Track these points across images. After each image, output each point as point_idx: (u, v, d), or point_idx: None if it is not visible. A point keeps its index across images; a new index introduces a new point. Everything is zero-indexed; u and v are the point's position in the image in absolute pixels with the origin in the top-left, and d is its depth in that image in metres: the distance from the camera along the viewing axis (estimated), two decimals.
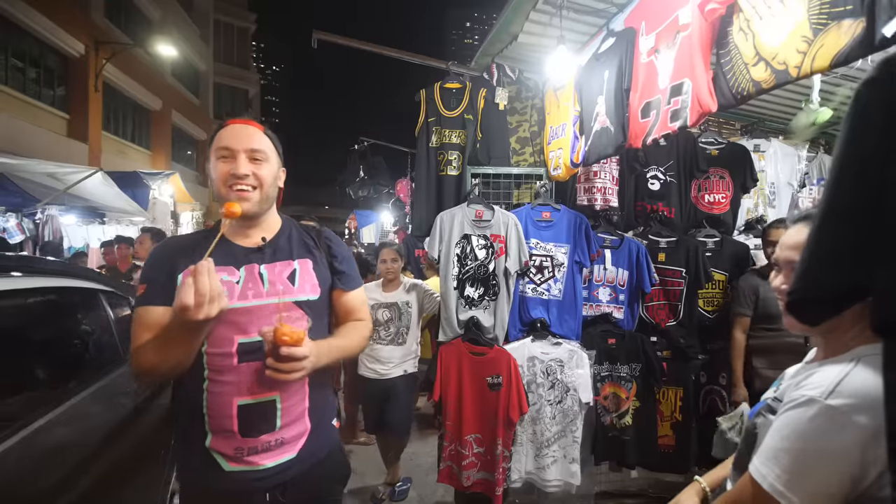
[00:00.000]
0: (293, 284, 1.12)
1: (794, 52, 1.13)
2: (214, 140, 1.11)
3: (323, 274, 1.18)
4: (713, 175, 2.82)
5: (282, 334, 0.94)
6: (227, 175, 1.07)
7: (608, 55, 1.91)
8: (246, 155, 1.09)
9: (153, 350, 0.99)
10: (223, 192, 1.08)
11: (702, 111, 1.38)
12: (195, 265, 0.93)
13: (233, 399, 1.04)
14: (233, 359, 1.04)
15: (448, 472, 2.38)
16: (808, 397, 0.68)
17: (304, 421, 1.12)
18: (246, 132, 1.11)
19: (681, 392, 2.62)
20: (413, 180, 3.71)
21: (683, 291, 2.65)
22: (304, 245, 1.20)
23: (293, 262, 1.15)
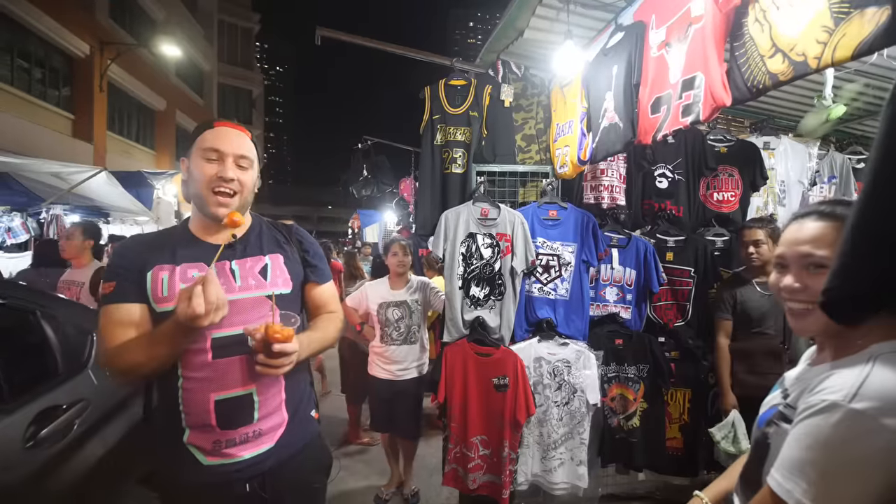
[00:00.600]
0: (265, 279, 1.14)
1: (814, 42, 1.09)
2: (199, 139, 1.10)
3: (294, 268, 1.20)
4: (722, 173, 2.78)
5: (274, 332, 0.97)
6: (212, 177, 1.08)
7: (617, 50, 1.87)
8: (234, 160, 1.10)
9: (138, 350, 0.99)
10: (203, 193, 1.09)
11: (715, 105, 1.34)
12: (203, 275, 0.95)
13: (209, 395, 1.05)
14: (206, 354, 1.05)
15: (453, 475, 2.34)
16: (830, 402, 0.62)
17: (282, 412, 1.14)
18: (236, 137, 1.12)
19: (689, 394, 2.57)
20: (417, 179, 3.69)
21: (692, 291, 2.61)
22: (274, 241, 1.22)
23: (264, 258, 1.16)
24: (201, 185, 1.08)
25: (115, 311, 1.04)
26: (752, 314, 2.28)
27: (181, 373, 1.06)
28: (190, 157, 1.12)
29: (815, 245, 0.76)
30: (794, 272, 0.78)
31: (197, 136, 1.12)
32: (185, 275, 1.07)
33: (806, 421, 0.65)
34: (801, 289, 0.77)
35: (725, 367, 2.34)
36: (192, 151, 1.12)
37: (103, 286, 1.07)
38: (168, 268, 1.08)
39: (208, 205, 1.09)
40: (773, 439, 0.75)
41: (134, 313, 1.04)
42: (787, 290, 0.79)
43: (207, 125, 1.14)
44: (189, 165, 1.13)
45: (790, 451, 0.65)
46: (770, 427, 0.78)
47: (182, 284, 1.04)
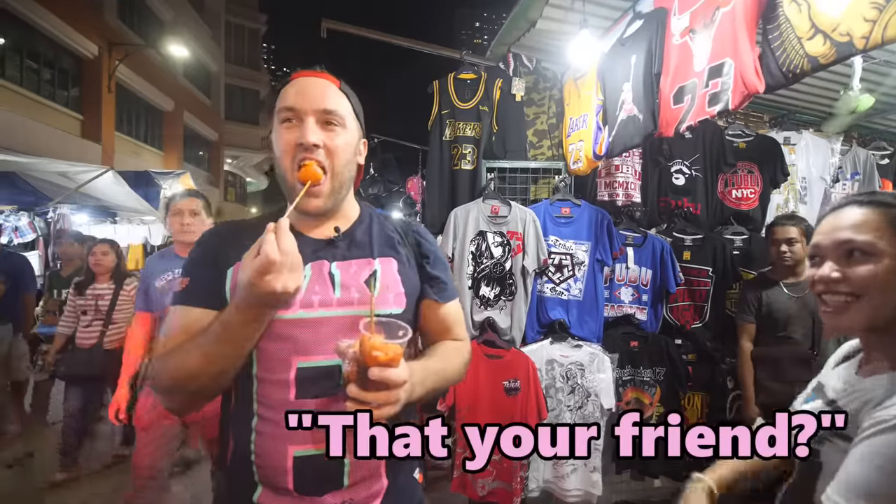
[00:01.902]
0: (373, 291, 0.85)
1: (861, 20, 1.00)
2: (278, 100, 0.85)
3: (410, 279, 0.90)
4: (741, 169, 2.68)
5: (372, 349, 0.66)
6: (292, 145, 0.81)
7: (635, 39, 1.79)
8: (316, 118, 0.81)
9: (191, 353, 0.75)
10: (288, 173, 0.82)
11: (747, 92, 1.26)
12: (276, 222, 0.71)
13: (287, 447, 0.77)
14: (289, 391, 0.78)
15: (461, 481, 2.27)
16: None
17: (380, 477, 0.84)
18: (317, 87, 0.83)
19: (707, 398, 2.49)
20: (424, 177, 3.62)
21: (710, 292, 2.52)
22: (387, 240, 0.92)
23: (373, 262, 0.87)
24: (283, 160, 0.82)
25: (182, 316, 0.81)
26: (778, 318, 2.15)
27: (257, 410, 0.80)
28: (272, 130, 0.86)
29: (856, 230, 0.68)
30: (833, 260, 0.71)
31: (276, 99, 0.86)
32: None
33: (874, 439, 0.58)
34: (840, 279, 0.69)
35: (749, 374, 2.21)
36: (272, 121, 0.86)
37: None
38: None
39: (291, 191, 0.83)
40: (827, 457, 0.68)
41: (204, 321, 0.79)
42: (823, 281, 0.71)
43: (286, 82, 0.87)
44: (272, 140, 0.86)
45: (855, 471, 0.58)
46: (821, 444, 0.70)
47: None
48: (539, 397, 2.19)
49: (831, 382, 0.76)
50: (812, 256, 0.76)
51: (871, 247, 0.66)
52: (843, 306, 0.69)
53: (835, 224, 0.72)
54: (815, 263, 0.75)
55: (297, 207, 0.80)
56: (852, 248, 0.69)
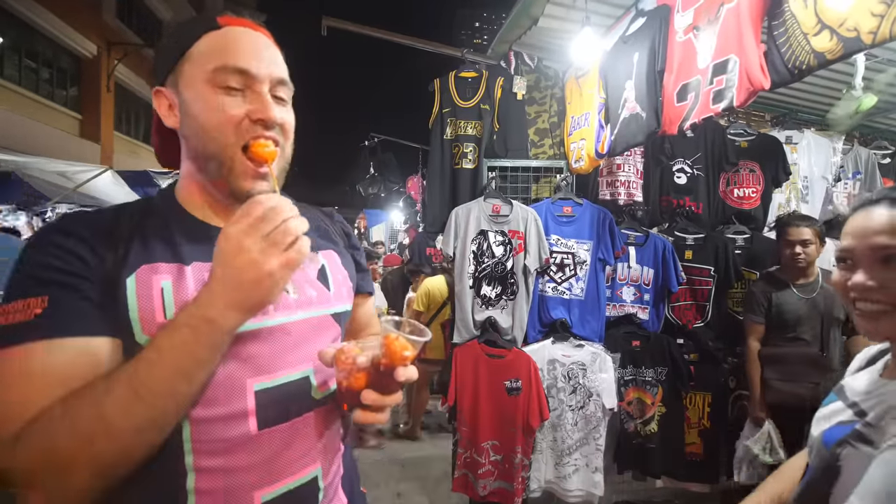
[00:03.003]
0: (327, 288, 0.71)
1: (868, 15, 0.99)
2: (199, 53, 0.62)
3: (351, 272, 0.79)
4: (743, 168, 2.67)
5: (403, 348, 0.58)
6: (243, 120, 0.61)
7: (638, 36, 1.78)
8: (271, 88, 0.64)
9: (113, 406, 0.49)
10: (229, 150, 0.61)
11: (752, 89, 1.25)
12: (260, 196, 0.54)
13: (251, 495, 0.59)
14: (248, 423, 0.59)
15: (463, 481, 2.26)
16: None
17: (339, 495, 0.72)
18: (268, 50, 0.65)
19: (709, 398, 2.47)
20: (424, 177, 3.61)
21: (712, 291, 2.51)
22: (321, 231, 0.78)
23: (317, 256, 0.73)
24: (224, 136, 0.61)
25: (46, 357, 0.51)
26: (788, 318, 2.12)
27: (192, 463, 0.57)
28: (180, 85, 0.62)
29: (891, 235, 0.65)
30: (867, 267, 0.67)
31: (189, 44, 0.62)
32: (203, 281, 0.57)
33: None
34: (877, 287, 0.66)
35: (757, 374, 2.18)
36: (181, 72, 0.62)
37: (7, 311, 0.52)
38: (169, 269, 0.59)
39: (236, 173, 0.62)
40: (848, 462, 0.65)
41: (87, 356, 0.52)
42: (857, 289, 0.68)
43: (207, 23, 0.63)
44: (182, 101, 0.62)
45: (880, 480, 0.56)
46: (842, 448, 0.67)
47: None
48: (541, 397, 2.18)
49: (853, 385, 0.74)
50: (842, 259, 0.72)
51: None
52: (879, 314, 0.66)
53: (867, 226, 0.68)
54: (846, 267, 0.71)
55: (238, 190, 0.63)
56: (888, 254, 0.65)
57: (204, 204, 0.67)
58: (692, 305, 2.54)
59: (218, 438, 0.58)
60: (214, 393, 0.57)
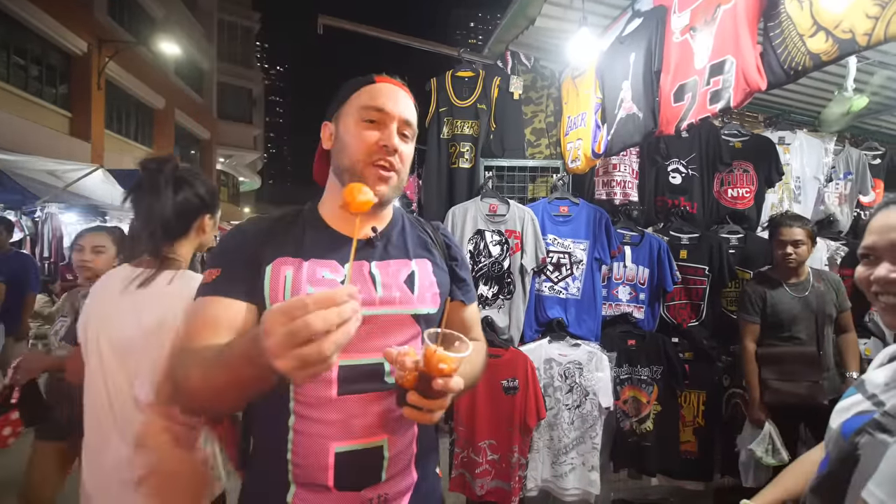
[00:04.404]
0: (412, 291, 0.86)
1: (863, 17, 1.00)
2: (355, 97, 0.86)
3: (443, 280, 0.93)
4: (737, 168, 2.69)
5: (440, 361, 0.68)
6: (375, 145, 0.83)
7: (634, 37, 1.79)
8: (399, 126, 0.86)
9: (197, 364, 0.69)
10: (359, 165, 0.83)
11: (749, 90, 1.26)
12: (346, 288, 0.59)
13: (328, 444, 0.78)
14: (331, 388, 0.78)
15: (460, 481, 2.26)
16: None
17: (411, 471, 0.87)
18: (403, 98, 0.88)
19: (703, 396, 2.49)
20: (420, 176, 3.60)
21: (706, 290, 2.53)
22: (420, 241, 0.94)
23: (410, 262, 0.89)
24: (357, 154, 0.83)
25: (214, 306, 0.77)
26: (783, 318, 2.13)
27: (293, 408, 0.79)
28: (339, 120, 0.87)
29: None
30: (889, 261, 0.69)
31: (350, 93, 0.87)
32: (314, 274, 0.80)
33: None
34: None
35: (754, 374, 2.18)
36: (341, 112, 0.87)
37: (205, 274, 0.82)
38: (293, 262, 0.81)
39: (366, 179, 0.82)
40: (866, 450, 0.66)
41: (239, 314, 0.77)
42: (881, 283, 0.70)
43: (366, 80, 0.88)
44: (337, 130, 0.87)
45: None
46: (861, 436, 0.68)
47: (310, 287, 0.78)
48: (537, 396, 2.18)
49: (874, 379, 0.76)
50: (865, 255, 0.74)
51: None
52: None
53: (890, 223, 0.70)
54: (868, 263, 0.73)
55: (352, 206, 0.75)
56: None
57: (333, 211, 0.89)
58: (687, 304, 2.56)
59: (310, 395, 0.78)
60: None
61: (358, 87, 0.87)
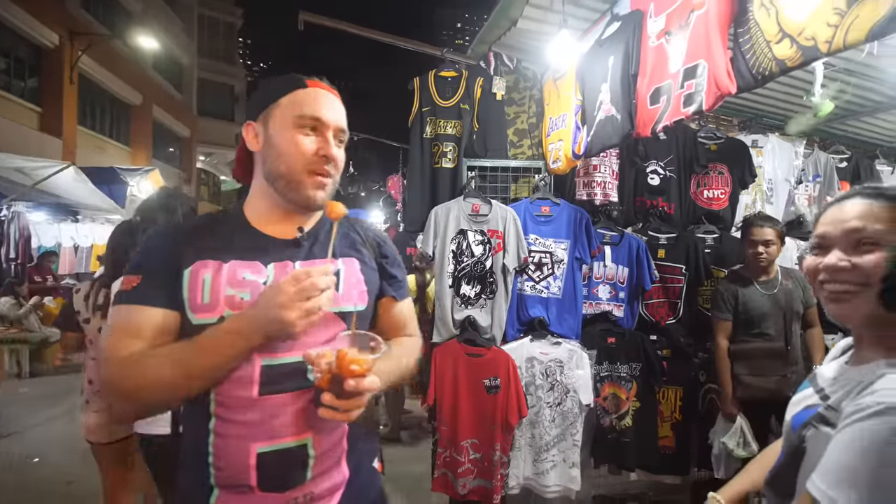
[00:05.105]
0: (336, 290, 0.86)
1: (824, 25, 1.05)
2: (288, 101, 0.85)
3: (371, 278, 0.94)
4: (712, 170, 2.77)
5: (351, 362, 0.70)
6: (314, 155, 0.84)
7: (613, 40, 1.82)
8: (334, 134, 0.87)
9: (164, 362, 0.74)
10: (298, 174, 0.84)
11: (719, 93, 1.30)
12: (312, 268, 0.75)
13: (250, 445, 0.78)
14: (252, 388, 0.78)
15: (443, 481, 2.26)
16: (887, 405, 0.57)
17: (342, 468, 0.87)
18: (336, 104, 0.89)
19: (681, 392, 2.55)
20: (405, 176, 3.61)
21: (683, 289, 2.59)
22: (349, 240, 0.95)
23: (336, 262, 0.89)
24: (295, 163, 0.83)
25: (133, 315, 0.78)
26: (753, 315, 2.20)
27: (214, 411, 0.79)
28: (268, 122, 0.86)
29: (864, 220, 0.69)
30: (840, 249, 0.71)
31: (279, 95, 0.86)
32: (235, 276, 0.81)
33: (857, 425, 0.59)
34: (849, 268, 0.69)
35: (727, 371, 2.24)
36: (271, 114, 0.86)
37: (124, 281, 0.82)
38: (213, 265, 0.81)
39: (304, 187, 0.84)
40: (811, 443, 0.69)
41: (156, 321, 0.78)
42: (829, 270, 0.71)
43: (296, 83, 0.87)
44: (267, 133, 0.85)
45: (837, 457, 0.59)
46: (807, 429, 0.71)
47: (230, 289, 0.80)
48: (519, 395, 2.20)
49: (824, 373, 0.79)
50: (815, 246, 0.76)
51: (879, 237, 0.67)
52: (847, 295, 0.70)
53: (841, 215, 0.72)
54: (818, 253, 0.74)
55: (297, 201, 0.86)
56: (861, 237, 0.69)
57: (263, 213, 0.89)
58: (665, 303, 2.62)
59: (231, 396, 0.79)
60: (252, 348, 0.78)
61: (287, 89, 0.86)
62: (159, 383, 0.73)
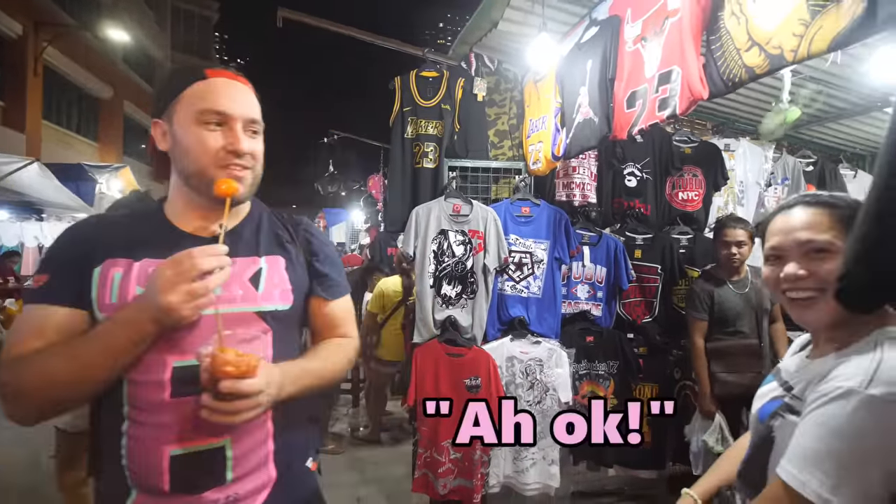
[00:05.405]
0: (257, 289, 0.85)
1: (790, 35, 1.09)
2: (188, 96, 0.81)
3: (298, 277, 0.91)
4: (687, 173, 2.84)
5: (223, 363, 0.68)
6: (220, 151, 0.80)
7: (591, 44, 1.85)
8: (243, 125, 0.82)
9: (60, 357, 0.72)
10: (208, 171, 0.80)
11: (692, 98, 1.34)
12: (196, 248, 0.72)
13: (162, 448, 0.76)
14: (164, 391, 0.76)
15: (423, 481, 2.26)
16: (846, 389, 0.61)
17: (268, 468, 0.84)
18: (242, 93, 0.84)
19: (656, 388, 2.61)
20: (386, 175, 3.58)
21: (659, 288, 2.65)
22: (274, 238, 0.92)
23: (258, 260, 0.88)
24: (203, 160, 0.80)
25: (37, 314, 0.76)
26: (728, 314, 2.27)
27: (127, 413, 0.77)
28: (172, 119, 0.82)
29: (813, 231, 0.74)
30: (796, 260, 0.75)
31: (180, 89, 0.81)
32: (146, 274, 0.78)
33: (819, 410, 0.64)
34: (807, 276, 0.74)
35: (704, 369, 2.29)
36: (174, 110, 0.81)
37: (34, 279, 0.80)
38: (123, 263, 0.79)
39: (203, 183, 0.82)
40: (779, 432, 0.74)
41: (60, 319, 0.75)
42: (789, 280, 0.76)
43: (196, 74, 0.82)
44: (173, 131, 0.82)
45: (804, 442, 0.64)
46: (775, 420, 0.75)
47: (140, 288, 0.77)
48: (499, 394, 2.22)
49: (787, 366, 0.83)
50: (771, 257, 0.80)
51: (830, 245, 0.72)
52: (810, 302, 0.74)
53: (790, 225, 0.77)
54: (775, 263, 0.79)
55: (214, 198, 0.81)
56: (813, 247, 0.74)
57: (182, 210, 0.86)
58: (641, 302, 2.68)
59: (143, 398, 0.77)
60: (146, 363, 0.76)
61: (188, 82, 0.82)
62: (56, 380, 0.71)
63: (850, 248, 0.54)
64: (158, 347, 0.76)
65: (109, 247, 0.80)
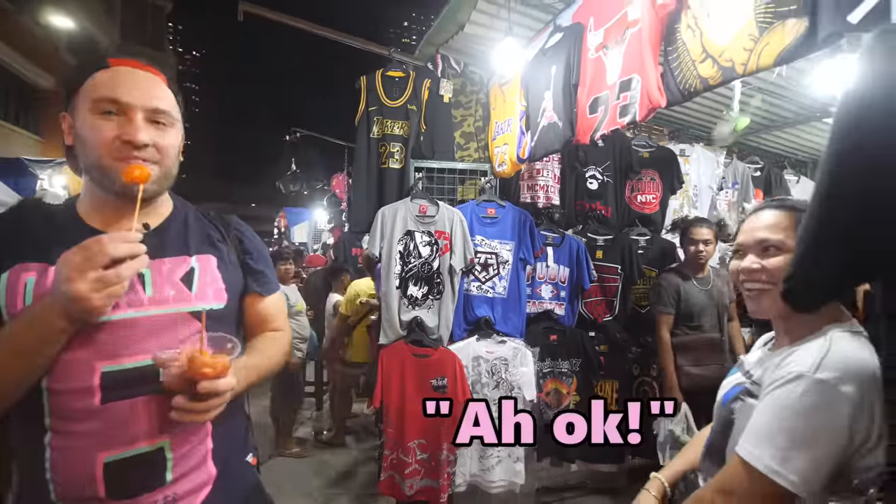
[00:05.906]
0: (189, 289, 0.83)
1: (741, 49, 1.15)
2: (92, 83, 0.77)
3: (232, 276, 0.91)
4: (645, 176, 2.95)
5: (203, 365, 0.70)
6: (113, 141, 0.75)
7: (556, 50, 1.89)
8: (145, 116, 0.78)
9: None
10: (104, 162, 0.76)
11: (651, 106, 1.39)
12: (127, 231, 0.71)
13: (95, 455, 0.73)
14: (92, 396, 0.73)
15: (389, 483, 2.24)
16: (796, 373, 0.68)
17: (207, 467, 0.84)
18: (145, 81, 0.79)
19: (616, 384, 2.70)
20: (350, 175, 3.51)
21: (619, 288, 2.74)
22: (204, 237, 0.90)
23: (189, 259, 0.85)
24: (96, 151, 0.75)
25: None
26: (693, 309, 2.38)
27: (49, 424, 0.73)
28: (75, 112, 0.78)
29: (770, 231, 0.82)
30: (753, 255, 0.84)
31: (82, 79, 0.77)
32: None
33: (774, 392, 0.70)
34: (759, 269, 0.82)
35: (670, 362, 2.37)
36: (76, 102, 0.78)
37: None
38: (37, 268, 0.74)
39: (117, 176, 0.76)
40: (739, 414, 0.80)
41: None
42: (745, 272, 0.84)
43: (98, 62, 0.78)
44: (74, 124, 0.78)
45: (759, 421, 0.70)
46: (735, 403, 0.82)
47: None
48: (466, 394, 2.23)
49: (750, 359, 0.91)
50: (736, 251, 0.89)
51: (782, 244, 0.80)
52: (761, 294, 0.82)
53: (755, 225, 0.86)
54: (739, 257, 0.87)
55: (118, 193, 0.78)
56: (768, 245, 0.82)
57: (94, 209, 0.82)
58: (602, 301, 2.76)
59: (68, 407, 0.73)
60: (67, 371, 0.73)
61: (89, 71, 0.78)
62: None
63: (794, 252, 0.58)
64: (83, 353, 0.73)
65: (19, 249, 0.75)
